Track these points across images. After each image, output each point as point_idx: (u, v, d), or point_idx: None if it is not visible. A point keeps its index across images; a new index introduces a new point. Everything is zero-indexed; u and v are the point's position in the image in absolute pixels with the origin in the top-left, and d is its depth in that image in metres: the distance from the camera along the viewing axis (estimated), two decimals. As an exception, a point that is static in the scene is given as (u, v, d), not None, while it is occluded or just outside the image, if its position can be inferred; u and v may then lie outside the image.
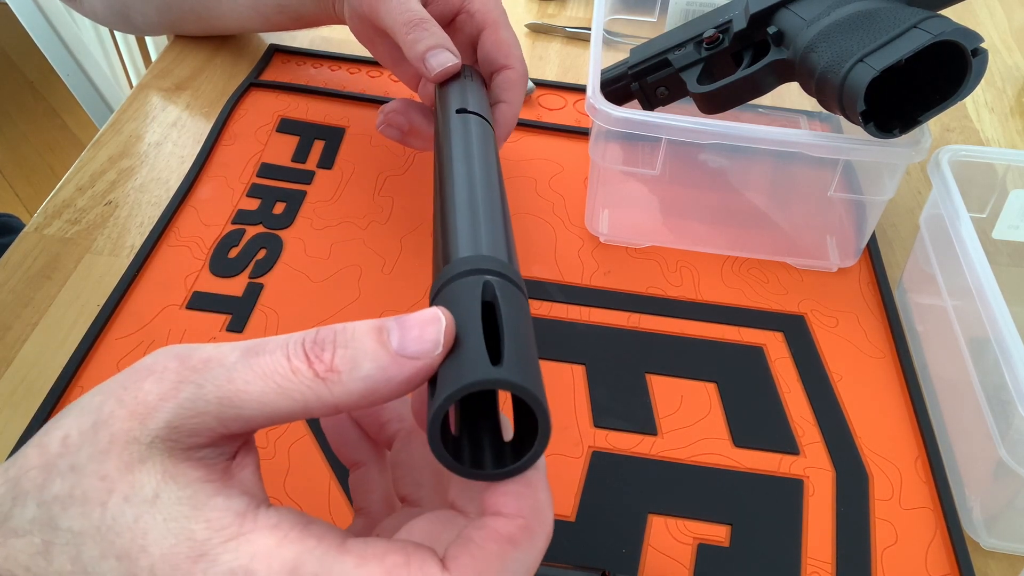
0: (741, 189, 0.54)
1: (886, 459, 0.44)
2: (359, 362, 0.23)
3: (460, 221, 0.30)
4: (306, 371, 0.23)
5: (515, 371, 0.23)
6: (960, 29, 0.42)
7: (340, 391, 0.23)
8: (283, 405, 0.23)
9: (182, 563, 0.22)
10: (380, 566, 0.22)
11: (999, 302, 0.40)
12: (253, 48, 0.68)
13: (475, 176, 0.34)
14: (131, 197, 0.55)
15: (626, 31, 0.68)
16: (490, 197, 0.33)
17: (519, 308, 0.26)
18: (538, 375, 0.24)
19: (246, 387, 0.23)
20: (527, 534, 0.23)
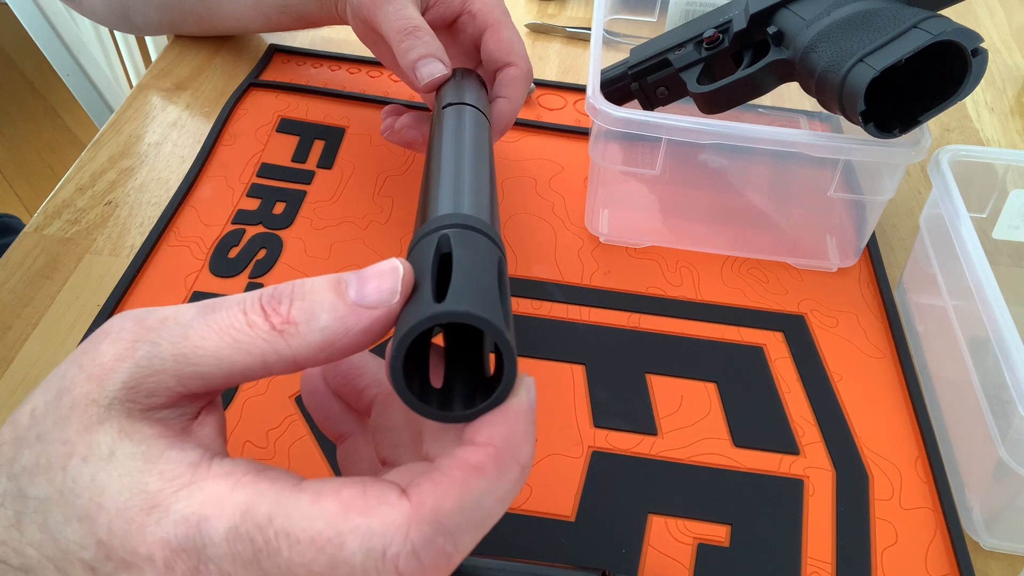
0: (741, 189, 0.54)
1: (886, 459, 0.44)
2: (316, 313, 0.23)
3: (439, 185, 0.30)
4: (263, 324, 0.23)
5: (457, 302, 0.22)
6: (960, 29, 0.42)
7: (298, 343, 0.23)
8: (240, 360, 0.23)
9: (136, 516, 0.21)
10: (335, 499, 0.21)
11: (999, 302, 0.40)
12: (253, 48, 0.68)
13: (463, 148, 0.34)
14: (131, 197, 0.55)
15: (626, 31, 0.68)
16: (473, 165, 0.33)
17: (477, 251, 0.25)
18: (493, 305, 0.23)
19: (202, 343, 0.23)
20: (496, 464, 0.22)
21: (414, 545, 0.21)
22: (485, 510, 0.22)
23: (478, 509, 0.21)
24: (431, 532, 0.21)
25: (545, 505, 0.41)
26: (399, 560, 0.20)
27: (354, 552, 0.20)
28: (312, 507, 0.21)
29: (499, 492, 0.22)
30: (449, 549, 0.21)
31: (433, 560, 0.21)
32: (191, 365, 0.23)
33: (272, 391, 0.45)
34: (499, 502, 0.22)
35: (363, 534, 0.21)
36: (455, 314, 0.22)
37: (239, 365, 0.23)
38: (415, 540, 0.21)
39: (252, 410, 0.44)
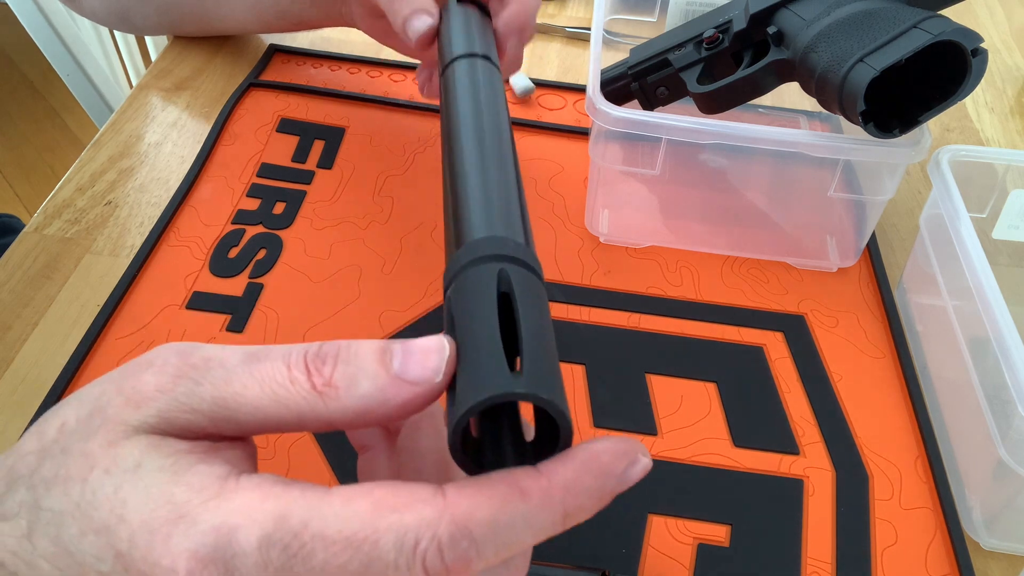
0: (741, 189, 0.54)
1: (886, 459, 0.44)
2: (358, 380, 0.23)
3: (472, 199, 0.28)
4: (304, 382, 0.23)
5: (535, 381, 0.22)
6: (960, 29, 0.42)
7: (335, 407, 0.23)
8: (277, 413, 0.23)
9: (161, 527, 0.21)
10: (368, 499, 0.21)
11: (999, 302, 0.40)
12: (253, 48, 0.68)
13: (486, 146, 0.31)
14: (131, 197, 0.55)
15: (626, 31, 0.68)
16: (503, 169, 0.30)
17: (537, 300, 0.24)
18: (558, 379, 0.23)
19: (243, 391, 0.23)
20: (543, 496, 0.22)
21: (441, 542, 0.21)
22: (515, 534, 0.21)
23: (509, 530, 0.21)
24: (458, 533, 0.21)
25: (545, 505, 0.41)
26: (427, 555, 0.21)
27: (388, 548, 0.21)
28: (345, 508, 0.21)
29: (534, 523, 0.22)
30: (472, 555, 0.21)
31: (454, 561, 0.21)
32: (228, 410, 0.23)
33: (272, 391, 0.45)
34: (531, 533, 0.22)
35: (397, 529, 0.21)
36: (535, 398, 0.21)
37: (274, 417, 0.23)
38: (442, 537, 0.21)
39: (252, 410, 0.44)
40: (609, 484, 0.23)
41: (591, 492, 0.22)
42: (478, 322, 0.23)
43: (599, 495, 0.23)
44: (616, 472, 0.23)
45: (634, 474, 0.23)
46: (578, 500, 0.22)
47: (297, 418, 0.23)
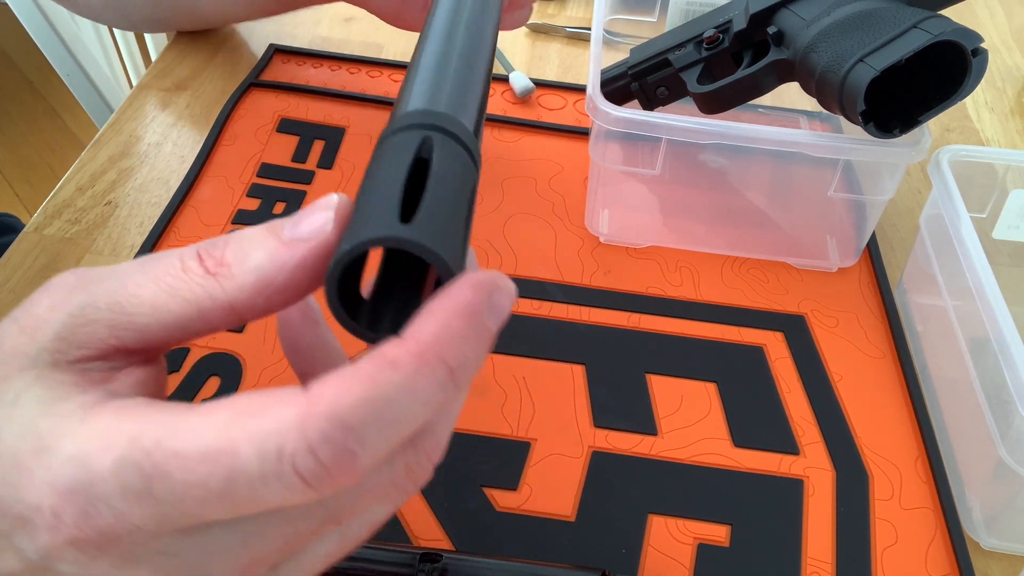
0: (741, 189, 0.54)
1: (886, 459, 0.44)
2: (249, 252, 0.21)
3: (422, 72, 0.26)
4: (197, 268, 0.21)
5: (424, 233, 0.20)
6: (960, 29, 0.42)
7: (231, 285, 0.21)
8: (176, 308, 0.21)
9: (25, 459, 0.20)
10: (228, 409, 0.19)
11: (999, 302, 0.40)
12: (253, 48, 0.68)
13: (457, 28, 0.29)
14: (131, 197, 0.55)
15: (626, 31, 0.68)
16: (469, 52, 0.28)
17: (458, 173, 0.23)
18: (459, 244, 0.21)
19: (138, 291, 0.21)
20: (415, 359, 0.19)
21: (310, 442, 0.18)
22: (398, 409, 0.19)
23: (388, 406, 0.19)
24: (328, 427, 0.18)
25: (545, 505, 0.41)
26: (296, 460, 0.18)
27: (249, 459, 0.18)
28: (202, 420, 0.19)
29: (418, 391, 0.19)
30: (352, 446, 0.18)
31: (332, 458, 0.18)
32: (126, 315, 0.21)
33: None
34: (418, 403, 0.19)
35: (255, 435, 0.18)
36: (417, 246, 0.19)
37: (175, 314, 0.21)
38: (310, 436, 0.18)
39: (252, 410, 0.44)
40: (481, 321, 0.20)
41: (467, 337, 0.20)
42: (383, 177, 0.22)
43: (476, 337, 0.20)
44: (481, 305, 0.20)
45: (502, 301, 0.20)
46: (457, 350, 0.19)
47: (196, 309, 0.21)
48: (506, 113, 0.63)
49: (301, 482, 0.18)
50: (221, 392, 0.45)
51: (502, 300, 0.21)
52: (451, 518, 0.41)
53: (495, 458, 0.43)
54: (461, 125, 0.24)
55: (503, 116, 0.62)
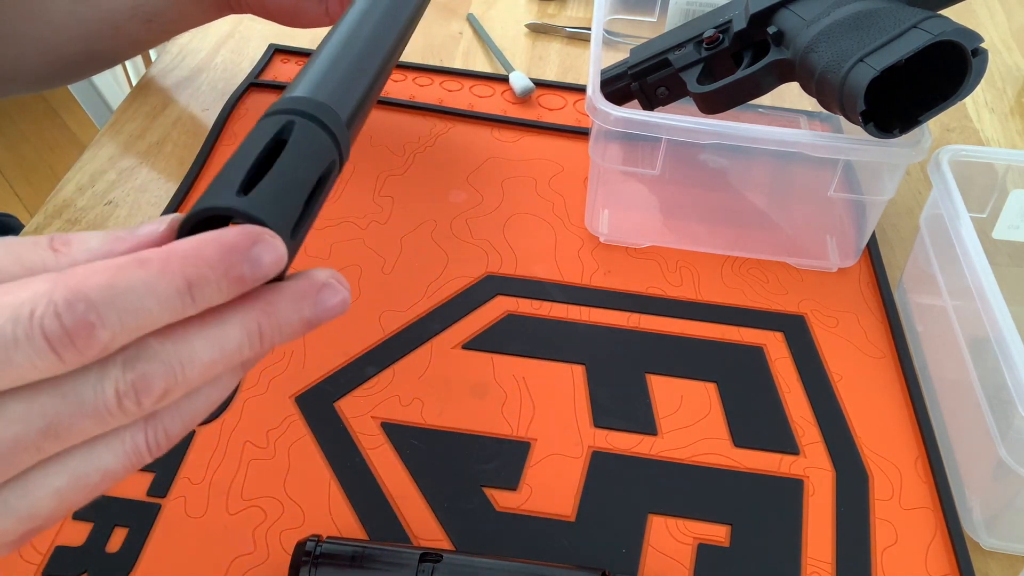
0: (741, 189, 0.54)
1: (886, 459, 0.44)
2: (88, 239, 0.24)
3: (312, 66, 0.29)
4: (44, 244, 0.24)
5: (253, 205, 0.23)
6: (960, 29, 0.42)
7: (65, 261, 0.24)
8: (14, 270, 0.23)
9: None
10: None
11: (999, 302, 0.40)
12: (253, 48, 0.68)
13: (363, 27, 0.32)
14: (131, 197, 0.55)
15: (626, 31, 0.68)
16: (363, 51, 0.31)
17: (310, 151, 0.25)
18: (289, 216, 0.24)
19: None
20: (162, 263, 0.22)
21: (56, 306, 0.21)
22: (135, 299, 0.21)
23: (128, 294, 0.21)
24: (73, 297, 0.21)
25: (545, 505, 0.41)
26: (44, 321, 0.21)
27: (4, 322, 0.21)
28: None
29: (156, 290, 0.22)
30: (92, 319, 0.21)
31: (74, 324, 0.21)
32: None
33: (272, 391, 0.45)
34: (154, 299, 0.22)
35: (12, 303, 0.21)
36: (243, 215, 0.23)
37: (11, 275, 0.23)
38: (57, 301, 0.21)
39: (252, 410, 0.44)
40: (232, 258, 0.23)
41: (213, 264, 0.23)
42: (240, 154, 0.25)
43: (223, 268, 0.23)
44: (240, 247, 0.23)
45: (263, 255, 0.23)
46: (199, 269, 0.22)
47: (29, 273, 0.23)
48: (506, 113, 0.63)
49: (46, 344, 0.21)
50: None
51: (263, 253, 0.23)
52: (451, 518, 0.41)
53: (495, 458, 0.43)
54: (332, 113, 0.27)
55: (503, 116, 0.62)
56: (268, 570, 0.38)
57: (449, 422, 0.44)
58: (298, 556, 0.36)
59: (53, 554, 0.38)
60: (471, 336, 0.48)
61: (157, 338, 0.23)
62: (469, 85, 0.66)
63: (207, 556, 0.39)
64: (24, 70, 0.55)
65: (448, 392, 0.46)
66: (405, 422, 0.44)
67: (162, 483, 0.41)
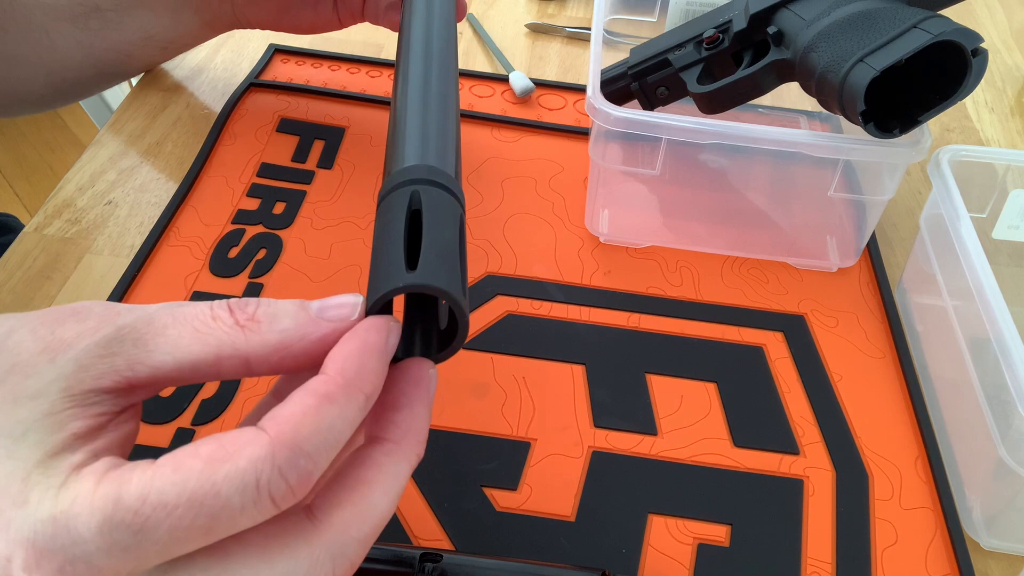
0: (741, 189, 0.54)
1: (886, 459, 0.44)
2: (279, 317, 0.25)
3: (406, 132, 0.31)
4: (227, 318, 0.24)
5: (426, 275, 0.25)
6: (960, 29, 0.42)
7: (256, 340, 0.24)
8: (196, 350, 0.24)
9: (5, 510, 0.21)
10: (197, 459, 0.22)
11: (999, 302, 0.40)
12: (253, 48, 0.68)
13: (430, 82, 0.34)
14: (131, 197, 0.55)
15: (626, 31, 0.68)
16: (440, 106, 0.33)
17: (445, 214, 0.27)
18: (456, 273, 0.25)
19: (163, 329, 0.24)
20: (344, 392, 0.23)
21: (281, 469, 0.22)
22: (336, 433, 0.23)
23: (331, 432, 0.23)
24: (292, 455, 0.22)
25: (545, 505, 0.41)
26: (271, 486, 0.22)
27: (232, 494, 0.21)
28: (177, 474, 0.21)
29: (347, 417, 0.23)
30: (310, 468, 0.22)
31: (297, 480, 0.22)
32: (147, 351, 0.23)
33: (272, 391, 0.45)
34: (348, 426, 0.23)
35: (234, 475, 0.21)
36: (425, 287, 0.24)
37: (193, 355, 0.24)
38: (280, 464, 0.22)
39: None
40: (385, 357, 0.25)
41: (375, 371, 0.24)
42: (388, 237, 0.26)
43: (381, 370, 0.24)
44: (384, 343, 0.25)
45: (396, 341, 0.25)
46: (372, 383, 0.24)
47: (215, 352, 0.24)
48: (506, 113, 0.63)
49: (271, 503, 0.22)
50: (220, 392, 0.45)
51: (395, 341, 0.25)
52: (451, 518, 0.41)
53: (495, 458, 0.43)
54: (444, 174, 0.29)
55: (503, 116, 0.62)
56: (268, 570, 0.38)
57: (449, 422, 0.44)
58: (298, 556, 0.36)
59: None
60: (471, 336, 0.48)
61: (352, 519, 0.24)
62: (469, 85, 0.66)
63: (207, 556, 0.39)
64: (31, 92, 0.54)
65: (448, 392, 0.46)
66: (405, 422, 0.44)
67: (162, 483, 0.41)
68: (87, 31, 0.52)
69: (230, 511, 0.21)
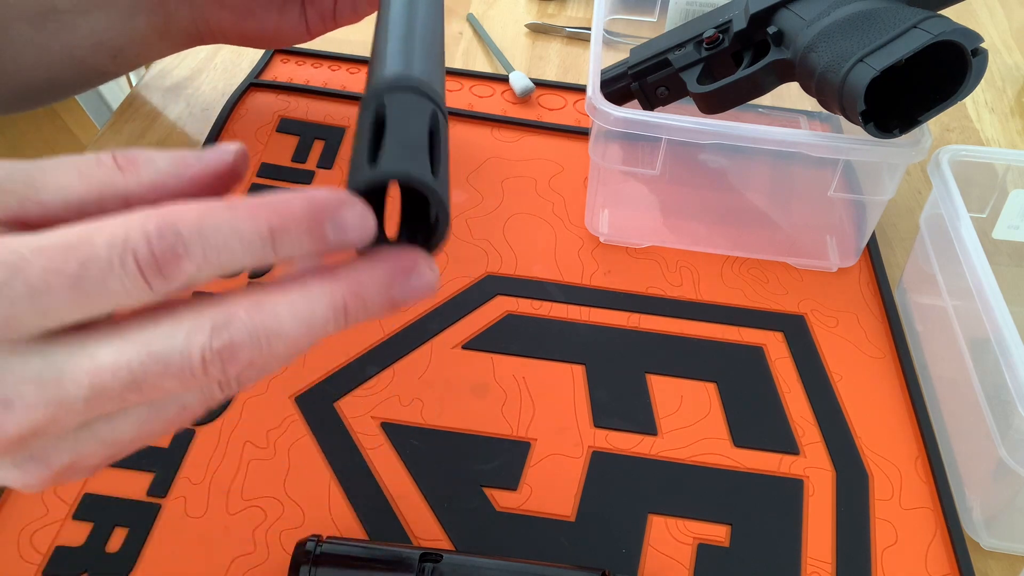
0: (741, 189, 0.54)
1: (886, 459, 0.44)
2: (155, 159, 0.25)
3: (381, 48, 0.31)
4: (109, 162, 0.25)
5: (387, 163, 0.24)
6: (960, 29, 0.42)
7: (133, 179, 0.25)
8: (80, 190, 0.24)
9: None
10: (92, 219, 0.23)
11: (999, 302, 0.40)
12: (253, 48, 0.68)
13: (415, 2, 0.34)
14: (131, 197, 0.55)
15: (626, 31, 0.68)
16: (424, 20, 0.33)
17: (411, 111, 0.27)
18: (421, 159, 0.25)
19: (53, 172, 0.25)
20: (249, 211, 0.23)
21: (148, 233, 0.22)
22: (221, 237, 0.23)
23: (215, 232, 0.23)
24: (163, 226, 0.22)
25: (545, 505, 0.41)
26: (137, 248, 0.22)
27: (101, 245, 0.22)
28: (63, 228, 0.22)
29: (240, 231, 0.23)
30: (180, 250, 0.22)
31: (161, 250, 0.22)
32: (36, 190, 0.24)
33: (272, 391, 0.45)
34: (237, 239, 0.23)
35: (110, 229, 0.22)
36: (385, 175, 0.24)
37: (78, 195, 0.25)
38: (149, 229, 0.22)
39: (252, 410, 0.44)
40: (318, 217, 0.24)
41: (298, 218, 0.23)
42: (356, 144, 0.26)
43: (307, 225, 0.24)
44: (328, 208, 0.24)
45: (348, 219, 0.24)
46: (282, 219, 0.23)
47: (98, 193, 0.25)
48: (506, 113, 0.63)
49: (137, 269, 0.22)
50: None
51: (348, 216, 0.24)
52: (451, 518, 0.41)
53: (495, 458, 0.43)
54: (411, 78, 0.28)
55: (503, 116, 0.62)
56: (268, 570, 0.38)
57: (449, 422, 0.44)
58: (298, 556, 0.36)
59: (53, 554, 0.38)
60: (471, 336, 0.48)
61: (246, 309, 0.23)
62: (469, 85, 0.66)
63: (207, 556, 0.39)
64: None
65: (448, 392, 0.46)
66: (405, 422, 0.44)
67: (162, 483, 0.41)
68: (43, 32, 0.51)
69: (98, 264, 0.22)
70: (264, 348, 0.24)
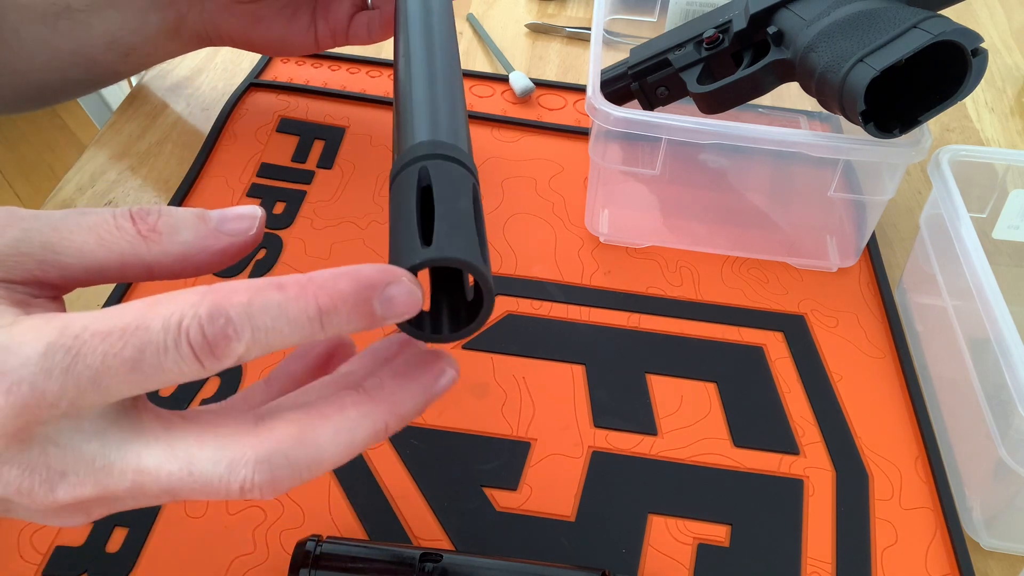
0: (741, 189, 0.54)
1: (886, 459, 0.44)
2: (180, 229, 0.26)
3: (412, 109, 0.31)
4: (130, 228, 0.25)
5: (442, 248, 0.25)
6: (960, 29, 0.42)
7: (157, 250, 0.25)
8: (101, 256, 0.25)
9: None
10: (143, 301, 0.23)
11: (999, 302, 0.40)
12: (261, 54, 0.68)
13: (434, 58, 0.34)
14: (131, 197, 0.55)
15: (626, 31, 0.68)
16: (446, 76, 0.33)
17: (455, 184, 0.27)
18: (473, 242, 0.25)
19: (70, 235, 0.25)
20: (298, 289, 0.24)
21: (201, 317, 0.22)
22: (270, 318, 0.23)
23: (264, 313, 0.23)
24: (216, 310, 0.23)
25: (545, 505, 0.41)
26: (189, 330, 0.22)
27: (156, 330, 0.22)
28: (119, 310, 0.23)
29: (288, 312, 0.23)
30: (230, 332, 0.23)
31: (213, 334, 0.23)
32: (55, 253, 0.25)
33: (272, 391, 0.45)
34: (286, 321, 0.23)
35: (163, 313, 0.23)
36: (442, 259, 0.24)
37: (98, 261, 0.25)
38: (202, 313, 0.23)
39: (252, 410, 0.44)
40: (366, 294, 0.24)
41: (346, 296, 0.24)
42: (401, 216, 0.26)
43: (355, 302, 0.24)
44: (376, 284, 0.24)
45: (396, 294, 0.24)
46: (330, 299, 0.24)
47: (119, 260, 0.25)
48: (506, 113, 0.63)
49: (191, 351, 0.22)
50: (220, 392, 0.45)
51: (396, 293, 0.25)
52: (451, 518, 0.41)
53: (495, 458, 0.43)
54: (452, 145, 0.28)
55: (503, 116, 0.62)
56: (268, 570, 0.38)
57: (449, 422, 0.44)
58: (298, 556, 0.36)
59: (53, 554, 0.38)
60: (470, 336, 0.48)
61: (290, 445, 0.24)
62: (469, 85, 0.66)
63: (207, 556, 0.39)
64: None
65: (448, 392, 0.45)
66: (405, 422, 0.44)
67: (162, 483, 0.41)
68: (56, 32, 0.51)
69: (154, 347, 0.22)
70: (305, 476, 0.24)
